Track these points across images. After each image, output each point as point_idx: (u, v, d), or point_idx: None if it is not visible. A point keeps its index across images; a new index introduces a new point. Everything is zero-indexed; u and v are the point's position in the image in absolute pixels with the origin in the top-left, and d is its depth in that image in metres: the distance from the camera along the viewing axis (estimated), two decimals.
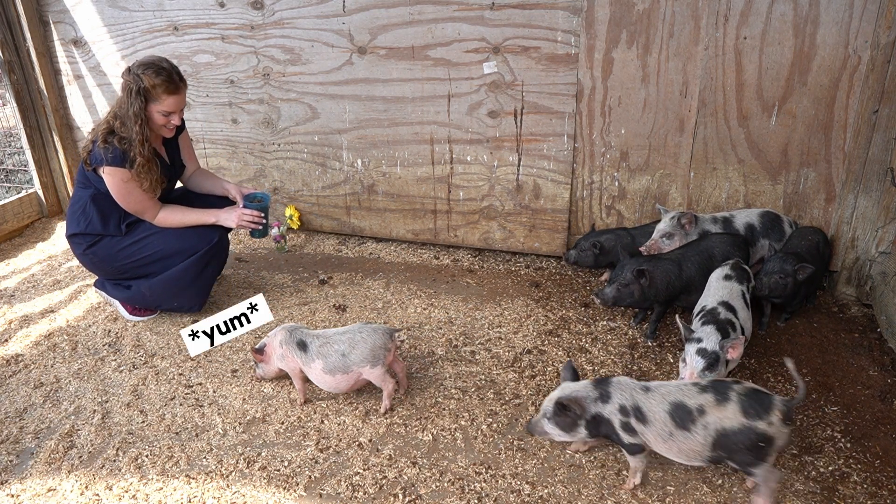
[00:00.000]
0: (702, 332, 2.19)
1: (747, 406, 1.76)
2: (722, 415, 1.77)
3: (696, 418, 1.78)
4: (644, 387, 1.89)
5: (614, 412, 1.86)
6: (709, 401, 1.79)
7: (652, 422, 1.83)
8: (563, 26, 3.02)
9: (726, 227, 2.93)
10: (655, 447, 1.87)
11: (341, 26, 3.36)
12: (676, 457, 1.87)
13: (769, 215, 2.96)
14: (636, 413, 1.84)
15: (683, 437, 1.80)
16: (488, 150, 3.38)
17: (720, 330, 2.19)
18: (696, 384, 1.87)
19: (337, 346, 2.25)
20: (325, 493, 1.99)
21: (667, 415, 1.81)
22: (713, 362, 2.11)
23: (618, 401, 1.86)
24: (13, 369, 2.67)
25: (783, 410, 1.76)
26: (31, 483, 2.07)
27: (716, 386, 1.83)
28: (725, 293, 2.41)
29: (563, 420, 1.88)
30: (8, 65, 3.91)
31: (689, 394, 1.83)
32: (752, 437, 1.74)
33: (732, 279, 2.48)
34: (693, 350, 2.15)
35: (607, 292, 2.59)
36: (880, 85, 2.69)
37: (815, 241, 2.82)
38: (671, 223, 2.89)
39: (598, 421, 1.88)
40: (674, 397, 1.83)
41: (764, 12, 2.76)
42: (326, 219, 3.90)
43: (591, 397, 1.88)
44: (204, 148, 3.93)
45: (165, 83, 2.59)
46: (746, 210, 3.02)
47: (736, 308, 2.35)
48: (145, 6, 3.66)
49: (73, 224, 2.82)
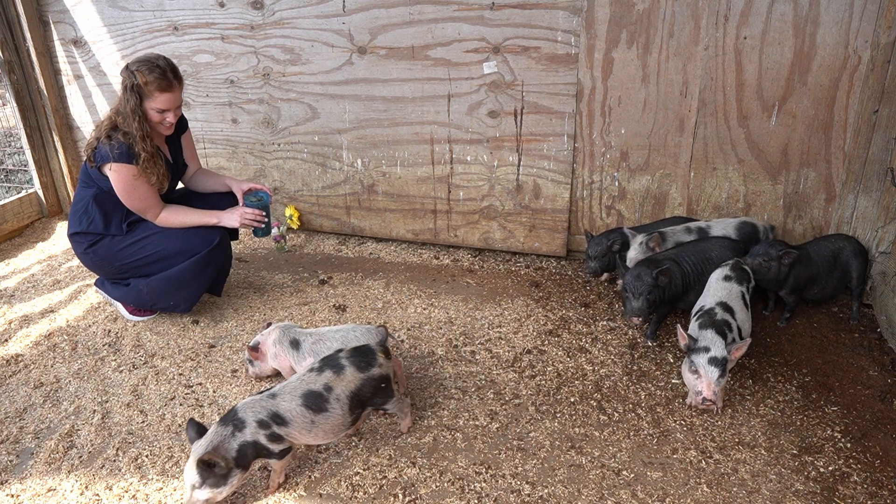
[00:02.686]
0: (706, 340, 2.17)
1: (358, 363, 2.02)
2: (345, 382, 1.99)
3: (328, 396, 1.96)
4: (270, 394, 1.95)
5: (256, 431, 1.87)
6: (329, 377, 1.99)
7: (292, 420, 1.91)
8: (563, 26, 3.02)
9: (701, 237, 2.89)
10: (303, 440, 1.97)
11: (341, 26, 3.36)
12: (323, 439, 2.00)
13: (746, 226, 2.92)
14: (275, 420, 1.90)
15: (324, 418, 1.95)
16: (488, 150, 3.38)
17: (719, 333, 2.19)
18: (311, 370, 2.03)
19: (330, 343, 2.26)
20: (325, 494, 1.99)
21: (303, 408, 1.93)
22: (725, 368, 2.13)
23: (253, 420, 1.88)
24: (13, 369, 2.67)
25: (382, 350, 2.08)
26: (31, 483, 2.07)
27: (327, 362, 2.04)
28: (724, 294, 2.40)
29: (215, 478, 1.82)
30: (8, 65, 3.91)
31: (312, 380, 1.98)
32: (374, 382, 2.03)
33: (732, 280, 2.47)
34: (705, 360, 2.14)
35: (636, 306, 2.50)
36: (880, 85, 2.69)
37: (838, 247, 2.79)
38: (641, 249, 2.84)
39: (246, 450, 1.85)
40: (301, 390, 1.96)
41: (764, 12, 2.76)
42: (326, 219, 3.89)
43: (226, 437, 1.85)
44: (204, 148, 3.93)
45: (158, 80, 2.59)
46: (723, 220, 2.98)
47: (734, 309, 2.34)
48: (145, 6, 3.66)
49: (75, 223, 2.82)
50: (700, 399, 2.15)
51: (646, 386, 2.45)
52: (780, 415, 2.28)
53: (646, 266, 2.54)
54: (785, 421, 2.25)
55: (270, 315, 3.01)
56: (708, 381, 2.12)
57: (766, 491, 1.96)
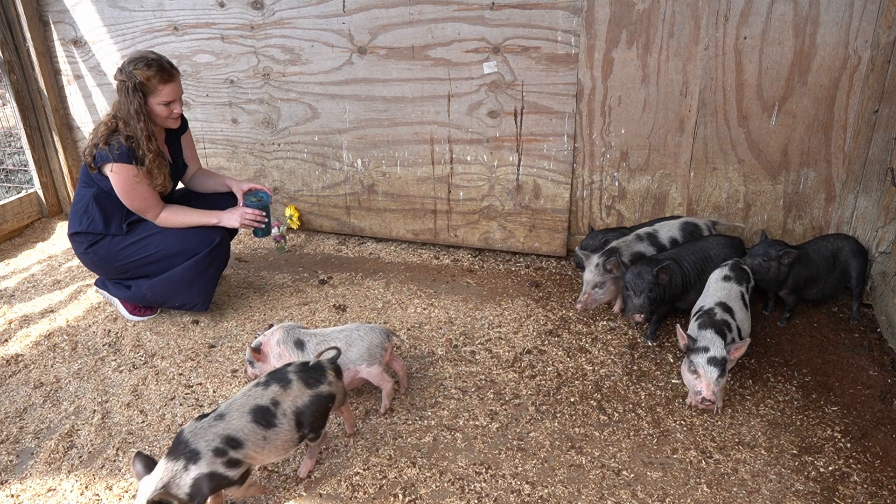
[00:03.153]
0: (705, 340, 2.17)
1: (307, 378, 1.94)
2: (293, 396, 1.90)
3: (276, 411, 1.87)
4: (217, 416, 1.82)
5: (212, 462, 1.72)
6: (276, 391, 1.90)
7: (246, 440, 1.79)
8: (563, 26, 3.02)
9: (651, 242, 2.86)
10: (260, 459, 1.86)
11: (341, 26, 3.36)
12: (276, 456, 1.90)
13: (688, 225, 2.94)
14: (230, 444, 1.76)
15: (275, 433, 1.86)
16: (488, 150, 3.38)
17: (719, 333, 2.19)
18: (257, 384, 1.93)
19: (333, 343, 2.26)
20: (325, 494, 1.99)
21: (253, 424, 1.82)
22: (724, 368, 2.12)
23: (207, 450, 1.73)
24: (13, 369, 2.67)
25: (333, 368, 2.00)
26: (31, 483, 2.07)
27: (274, 375, 1.95)
28: (724, 294, 2.40)
29: None
30: (8, 65, 3.91)
31: (258, 395, 1.89)
32: (322, 401, 1.94)
33: (731, 280, 2.47)
34: (704, 361, 2.13)
35: (638, 303, 2.49)
36: (880, 85, 2.69)
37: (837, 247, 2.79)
38: (597, 272, 2.66)
39: (201, 484, 1.70)
40: (248, 406, 1.85)
41: (764, 12, 2.76)
42: (326, 219, 3.89)
43: (178, 473, 1.69)
44: (204, 148, 3.93)
45: (159, 73, 2.60)
46: (668, 222, 2.96)
47: (734, 309, 2.34)
48: (145, 6, 3.66)
49: (76, 223, 2.82)
50: (700, 399, 2.14)
51: (646, 386, 2.45)
52: (780, 415, 2.28)
53: (646, 264, 2.55)
54: (785, 421, 2.25)
55: (270, 315, 3.01)
56: (707, 381, 2.12)
57: (766, 491, 1.96)
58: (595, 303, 2.69)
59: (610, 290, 2.69)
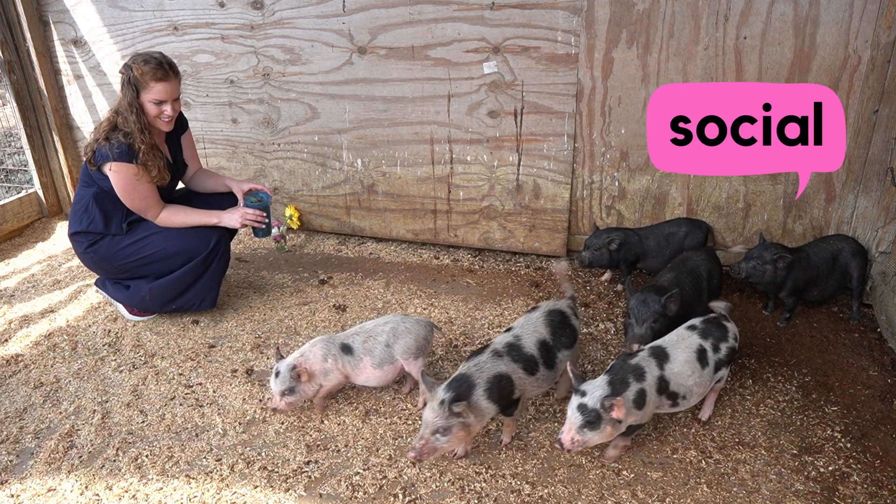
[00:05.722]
0: (589, 385, 1.89)
1: None
2: None
3: None
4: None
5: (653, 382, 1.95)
6: None
7: None
8: (563, 26, 3.02)
9: None
10: None
11: (341, 26, 3.36)
12: None
13: None
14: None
15: None
16: (488, 150, 3.38)
17: (616, 381, 1.91)
18: None
19: (381, 337, 2.24)
20: (325, 494, 1.99)
21: None
22: (593, 420, 1.83)
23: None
24: (13, 369, 2.67)
25: None
26: (31, 483, 2.07)
27: None
28: (673, 338, 2.12)
29: None
30: (8, 65, 3.91)
31: None
32: None
33: (695, 331, 2.14)
34: (575, 404, 1.87)
35: (640, 333, 2.31)
36: (880, 85, 2.69)
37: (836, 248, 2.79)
38: (441, 412, 1.87)
39: None
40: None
41: (764, 12, 2.76)
42: (326, 219, 3.89)
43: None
44: (204, 148, 3.93)
45: (153, 70, 2.60)
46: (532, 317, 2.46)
47: (673, 359, 2.04)
48: (145, 6, 3.66)
49: (76, 222, 2.82)
50: (558, 442, 1.90)
51: None
52: (780, 415, 2.28)
53: (653, 292, 2.35)
54: (785, 421, 2.25)
55: (270, 315, 3.01)
56: (569, 426, 1.86)
57: (766, 491, 1.96)
58: (434, 453, 1.90)
59: (457, 437, 1.90)
